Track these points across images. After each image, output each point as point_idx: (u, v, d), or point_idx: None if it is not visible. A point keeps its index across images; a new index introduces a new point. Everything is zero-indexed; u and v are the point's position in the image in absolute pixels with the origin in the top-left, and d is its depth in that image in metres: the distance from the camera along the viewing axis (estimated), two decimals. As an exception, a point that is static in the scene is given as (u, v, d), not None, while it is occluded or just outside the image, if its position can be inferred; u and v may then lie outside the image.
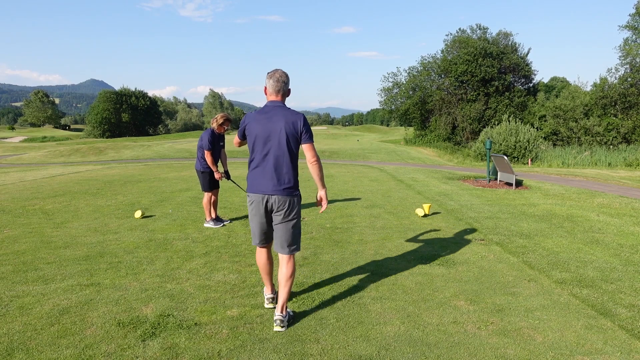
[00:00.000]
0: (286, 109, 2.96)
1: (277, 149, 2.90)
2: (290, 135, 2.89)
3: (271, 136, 2.90)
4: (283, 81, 2.98)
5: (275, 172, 2.91)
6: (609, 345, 2.73)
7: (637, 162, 20.27)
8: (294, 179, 2.97)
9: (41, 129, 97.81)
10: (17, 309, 3.17)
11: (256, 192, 2.96)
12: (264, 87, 3.01)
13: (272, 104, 2.97)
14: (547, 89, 50.87)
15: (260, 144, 2.93)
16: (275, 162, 2.91)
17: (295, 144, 2.93)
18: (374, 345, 2.71)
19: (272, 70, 3.00)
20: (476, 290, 3.62)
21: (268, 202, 2.95)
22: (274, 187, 2.91)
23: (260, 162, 2.95)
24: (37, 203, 7.64)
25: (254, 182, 2.97)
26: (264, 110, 2.97)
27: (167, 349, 2.64)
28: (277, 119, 2.90)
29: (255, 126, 2.95)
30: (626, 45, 32.81)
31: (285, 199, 2.93)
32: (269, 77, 2.98)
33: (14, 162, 27.56)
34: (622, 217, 6.78)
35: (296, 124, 2.91)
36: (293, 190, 2.96)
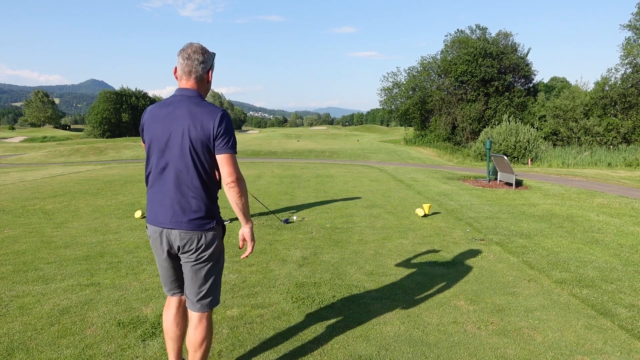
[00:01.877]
0: (197, 102, 2.02)
1: (178, 160, 1.99)
2: (196, 141, 1.96)
3: (171, 142, 1.99)
4: (197, 59, 2.05)
5: (176, 196, 2.00)
6: (609, 345, 2.73)
7: (637, 162, 20.27)
8: (207, 205, 2.04)
9: (41, 129, 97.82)
10: (17, 309, 3.18)
11: (152, 223, 2.07)
12: (174, 69, 2.12)
13: (179, 93, 2.06)
14: (547, 89, 50.87)
15: (157, 153, 2.03)
16: (177, 180, 2.00)
17: (206, 154, 2.00)
18: (374, 345, 2.71)
19: (185, 45, 2.09)
20: (476, 290, 3.62)
21: (169, 240, 2.05)
22: (173, 217, 2.01)
23: (156, 179, 2.05)
24: (38, 203, 7.64)
25: (150, 209, 2.08)
26: (165, 103, 2.06)
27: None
28: (181, 116, 1.99)
29: (151, 126, 2.05)
30: (628, 45, 32.79)
31: (191, 236, 2.01)
32: (179, 54, 2.07)
33: (14, 162, 27.56)
34: (622, 217, 6.78)
35: (207, 125, 1.96)
36: (204, 222, 2.03)
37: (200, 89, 2.08)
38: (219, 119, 1.97)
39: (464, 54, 39.56)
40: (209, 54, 2.09)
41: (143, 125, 2.11)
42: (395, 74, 45.95)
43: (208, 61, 2.09)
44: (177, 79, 2.10)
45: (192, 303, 2.12)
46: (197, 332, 2.11)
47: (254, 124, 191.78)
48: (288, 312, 3.17)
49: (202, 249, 2.04)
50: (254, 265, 4.25)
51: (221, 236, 2.14)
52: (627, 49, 32.40)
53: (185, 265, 2.09)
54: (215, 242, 2.08)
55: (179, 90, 2.07)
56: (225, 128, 1.99)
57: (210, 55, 2.11)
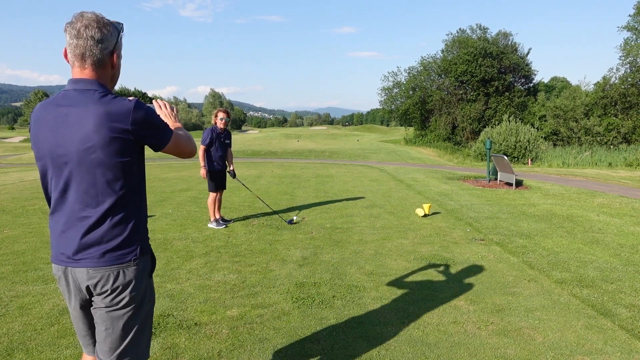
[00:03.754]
0: (98, 96, 1.45)
1: (81, 177, 1.46)
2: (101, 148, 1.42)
3: (68, 154, 1.45)
4: (90, 37, 1.45)
5: (82, 223, 1.48)
6: (609, 345, 2.73)
7: (637, 162, 20.27)
8: (125, 229, 1.51)
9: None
10: (17, 309, 3.17)
11: (54, 260, 1.56)
12: (64, 51, 1.51)
13: (71, 87, 1.48)
14: (547, 89, 50.89)
15: (53, 170, 1.49)
16: (81, 203, 1.47)
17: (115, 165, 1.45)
18: (374, 345, 2.71)
19: (75, 15, 1.47)
20: (476, 290, 3.62)
21: (75, 280, 1.53)
22: (79, 251, 1.48)
23: (57, 204, 1.52)
24: (37, 203, 7.64)
25: (52, 243, 1.56)
26: (55, 101, 1.48)
27: (167, 348, 2.64)
28: (78, 118, 1.43)
29: (40, 134, 1.49)
30: (627, 45, 32.82)
31: (104, 273, 1.48)
32: (65, 30, 1.47)
33: (14, 162, 27.55)
34: (622, 217, 6.78)
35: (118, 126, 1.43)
36: (122, 252, 1.50)
37: (101, 77, 1.50)
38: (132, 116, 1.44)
39: (464, 53, 39.57)
40: (110, 28, 1.49)
41: (31, 128, 1.53)
42: (396, 73, 46.02)
43: (110, 38, 1.49)
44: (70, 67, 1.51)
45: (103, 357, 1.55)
46: None
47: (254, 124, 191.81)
48: (288, 312, 3.17)
49: (117, 290, 1.50)
50: (254, 265, 4.25)
51: (148, 271, 1.60)
52: (627, 49, 32.42)
53: (95, 313, 1.54)
54: (139, 281, 1.54)
55: (71, 82, 1.49)
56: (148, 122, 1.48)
57: (112, 28, 1.50)
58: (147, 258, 1.60)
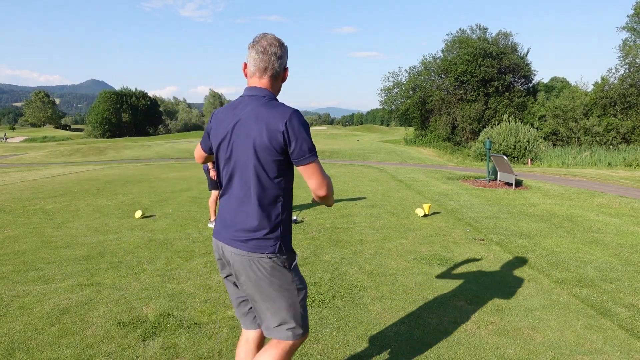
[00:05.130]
0: (266, 102, 1.71)
1: (242, 171, 1.71)
2: (261, 148, 1.66)
3: (235, 150, 1.72)
4: (274, 53, 1.73)
5: (238, 211, 1.72)
6: (609, 345, 2.73)
7: (636, 162, 20.28)
8: (269, 224, 1.70)
9: (42, 129, 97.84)
10: (17, 309, 3.18)
11: (215, 236, 1.83)
12: (243, 65, 1.81)
13: (247, 93, 1.76)
14: (547, 89, 50.90)
15: (223, 162, 1.78)
16: (240, 193, 1.72)
17: (271, 164, 1.68)
18: (374, 345, 2.72)
19: (257, 36, 1.77)
20: (476, 290, 3.63)
21: (225, 256, 1.78)
22: (232, 234, 1.72)
23: (224, 190, 1.80)
24: (38, 203, 7.65)
25: (217, 221, 1.83)
26: (234, 104, 1.79)
27: (167, 348, 2.65)
28: (246, 120, 1.69)
29: (219, 130, 1.78)
30: (625, 45, 32.84)
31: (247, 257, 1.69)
32: (250, 47, 1.75)
33: (15, 162, 27.56)
34: (621, 217, 6.78)
35: (275, 130, 1.63)
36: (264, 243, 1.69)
37: (273, 88, 1.77)
38: (287, 122, 1.63)
39: (464, 53, 39.57)
40: (283, 47, 1.77)
41: (210, 130, 1.85)
42: (397, 73, 46.02)
43: (285, 56, 1.78)
44: (247, 77, 1.79)
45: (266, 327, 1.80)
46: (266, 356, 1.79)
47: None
48: (288, 312, 3.18)
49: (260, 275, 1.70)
50: (254, 265, 4.25)
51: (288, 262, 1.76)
52: (625, 49, 32.44)
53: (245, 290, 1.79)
54: (278, 269, 1.72)
55: (248, 89, 1.77)
56: (300, 132, 1.64)
57: (285, 48, 1.78)
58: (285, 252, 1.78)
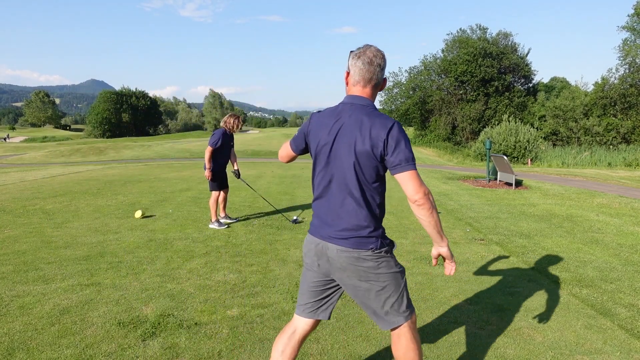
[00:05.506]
0: (369, 111, 1.83)
1: (342, 174, 1.83)
2: (361, 155, 1.78)
3: (336, 153, 1.84)
4: (378, 64, 1.84)
5: (339, 211, 1.86)
6: (609, 345, 2.74)
7: (636, 162, 20.29)
8: (368, 223, 1.84)
9: (42, 129, 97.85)
10: (17, 309, 3.18)
11: (313, 234, 1.96)
12: (345, 74, 1.92)
13: (349, 101, 1.88)
14: (547, 89, 50.88)
15: (321, 164, 1.90)
16: (341, 194, 1.86)
17: (371, 170, 1.81)
18: (374, 345, 2.72)
19: (362, 47, 1.87)
20: (476, 290, 3.63)
21: (325, 253, 1.89)
22: (334, 232, 1.86)
23: (322, 191, 1.91)
24: (38, 203, 7.65)
25: (313, 220, 1.98)
26: (335, 111, 1.89)
27: (167, 348, 2.65)
28: (349, 126, 1.81)
29: (319, 133, 1.90)
30: (625, 45, 32.85)
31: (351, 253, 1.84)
32: (355, 57, 1.86)
33: (15, 162, 27.57)
34: (621, 217, 6.78)
35: (377, 138, 1.75)
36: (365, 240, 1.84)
37: (373, 96, 1.89)
38: (388, 131, 1.74)
39: (464, 53, 39.57)
40: (385, 59, 1.88)
41: (308, 132, 1.96)
42: (397, 73, 45.96)
43: (385, 67, 1.89)
44: (349, 85, 1.91)
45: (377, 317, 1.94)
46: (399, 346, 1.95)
47: (254, 124, 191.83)
48: (288, 312, 3.18)
49: (365, 269, 1.84)
50: (254, 265, 4.25)
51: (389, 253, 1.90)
52: (625, 49, 32.45)
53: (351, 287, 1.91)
54: (380, 261, 1.85)
55: (350, 97, 1.88)
56: (400, 141, 1.75)
57: (386, 60, 1.89)
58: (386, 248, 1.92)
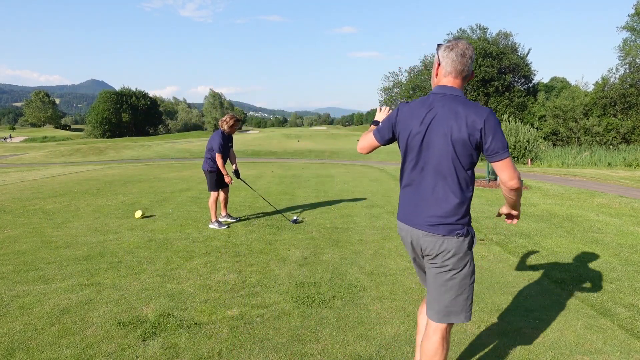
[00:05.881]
0: (462, 101, 1.89)
1: (437, 162, 1.90)
2: (457, 142, 1.85)
3: (430, 142, 1.90)
4: (470, 57, 1.93)
5: (432, 198, 1.93)
6: (609, 345, 2.73)
7: (636, 162, 20.28)
8: (460, 210, 1.93)
9: (42, 129, 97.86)
10: (17, 309, 3.18)
11: (403, 220, 2.05)
12: (436, 65, 1.99)
13: (440, 91, 1.94)
14: (547, 89, 50.86)
15: (413, 153, 1.96)
16: (434, 182, 1.92)
17: (467, 158, 1.88)
18: (374, 345, 2.72)
19: (452, 40, 1.95)
20: (476, 290, 3.62)
21: (415, 240, 2.00)
22: (425, 219, 1.94)
23: (413, 179, 1.99)
24: (38, 203, 7.64)
25: (403, 207, 2.05)
26: (426, 101, 1.95)
27: (167, 348, 2.65)
28: (444, 115, 1.87)
29: (410, 123, 1.96)
30: (625, 45, 32.84)
31: (438, 239, 1.92)
32: (447, 49, 1.93)
33: (15, 162, 27.57)
34: (621, 217, 6.78)
35: (473, 126, 1.82)
36: (455, 227, 1.92)
37: (463, 87, 1.96)
38: (485, 119, 1.82)
39: (464, 53, 39.59)
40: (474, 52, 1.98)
41: (397, 122, 2.02)
42: (397, 73, 46.01)
43: (474, 59, 1.99)
44: (438, 76, 1.98)
45: (431, 310, 2.01)
46: (432, 340, 2.02)
47: (254, 124, 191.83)
48: (288, 312, 3.18)
49: (448, 255, 1.91)
50: (254, 265, 4.25)
51: (470, 246, 1.97)
52: (626, 49, 32.43)
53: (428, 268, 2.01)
54: (463, 251, 1.93)
55: (440, 87, 1.95)
56: (496, 129, 1.82)
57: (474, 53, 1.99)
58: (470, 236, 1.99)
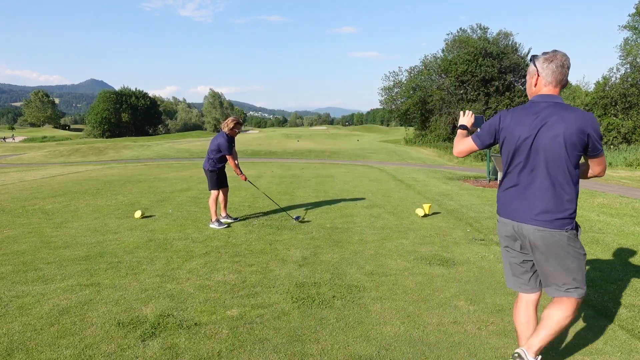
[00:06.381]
0: (566, 107, 2.11)
1: (548, 164, 2.10)
2: (570, 146, 2.05)
3: (540, 146, 2.10)
4: (568, 67, 2.15)
5: (544, 197, 2.12)
6: (609, 345, 2.73)
7: (637, 162, 20.27)
8: (571, 206, 2.12)
9: (41, 129, 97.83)
10: (16, 309, 3.17)
11: (511, 218, 2.26)
12: (534, 75, 2.19)
13: (544, 100, 2.15)
14: (547, 89, 50.91)
15: (522, 156, 2.17)
16: (546, 182, 2.12)
17: (575, 158, 2.09)
18: (374, 346, 2.71)
19: (550, 52, 2.16)
20: (476, 290, 3.62)
21: (522, 234, 2.21)
22: (538, 215, 2.13)
23: (521, 180, 2.19)
24: (37, 203, 7.64)
25: (509, 205, 2.27)
26: (531, 108, 2.16)
27: (167, 349, 2.64)
28: (554, 122, 2.07)
29: (517, 129, 2.17)
30: (626, 45, 32.81)
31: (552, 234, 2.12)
32: (547, 61, 2.15)
33: (14, 162, 27.57)
34: (622, 217, 6.77)
35: (582, 130, 2.03)
36: (565, 222, 2.11)
37: (559, 94, 2.18)
38: (591, 124, 2.04)
39: (464, 53, 39.55)
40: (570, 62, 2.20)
41: (500, 128, 2.25)
42: (397, 73, 45.93)
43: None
44: (538, 85, 2.20)
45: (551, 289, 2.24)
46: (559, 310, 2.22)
47: (254, 124, 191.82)
48: (288, 312, 3.17)
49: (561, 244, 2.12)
50: (254, 265, 4.24)
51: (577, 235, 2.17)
52: (627, 49, 32.40)
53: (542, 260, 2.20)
54: (573, 240, 2.14)
55: (543, 96, 2.17)
56: (598, 132, 2.06)
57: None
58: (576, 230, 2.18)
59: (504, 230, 2.33)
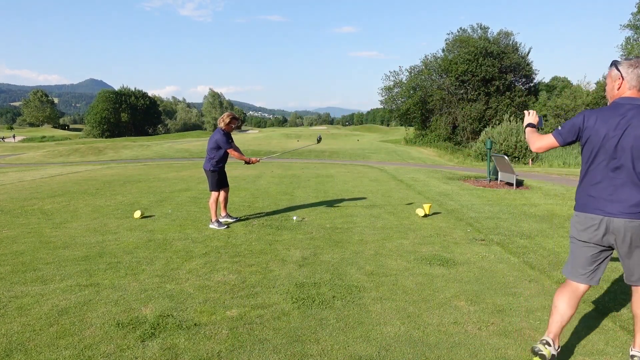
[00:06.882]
0: None
1: (632, 162, 2.26)
2: None
3: (626, 144, 2.26)
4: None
5: (632, 192, 2.27)
6: (610, 346, 2.72)
7: None
8: None
9: (40, 129, 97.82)
10: (15, 310, 3.16)
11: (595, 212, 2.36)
12: (619, 79, 2.36)
13: (628, 102, 2.31)
14: (548, 89, 50.86)
15: (606, 154, 2.31)
16: (635, 178, 2.27)
17: None
18: (374, 346, 2.70)
19: (634, 59, 2.35)
20: (477, 291, 3.61)
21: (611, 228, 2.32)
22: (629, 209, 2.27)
23: (605, 176, 2.33)
24: (36, 203, 7.63)
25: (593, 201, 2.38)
26: (616, 110, 2.32)
27: (166, 349, 2.63)
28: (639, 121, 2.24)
29: (602, 128, 2.32)
30: (628, 44, 32.81)
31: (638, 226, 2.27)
32: (631, 67, 2.33)
33: (13, 162, 27.56)
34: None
35: None
36: None
37: None
38: None
39: (464, 53, 39.55)
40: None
41: (584, 127, 2.37)
42: (397, 73, 45.88)
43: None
44: (621, 88, 2.35)
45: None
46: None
47: (254, 123, 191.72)
48: (288, 312, 3.16)
49: None
50: (254, 265, 4.23)
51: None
52: (628, 48, 32.40)
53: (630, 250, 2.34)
54: None
55: (627, 99, 2.32)
56: None
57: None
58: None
59: (585, 224, 2.40)
